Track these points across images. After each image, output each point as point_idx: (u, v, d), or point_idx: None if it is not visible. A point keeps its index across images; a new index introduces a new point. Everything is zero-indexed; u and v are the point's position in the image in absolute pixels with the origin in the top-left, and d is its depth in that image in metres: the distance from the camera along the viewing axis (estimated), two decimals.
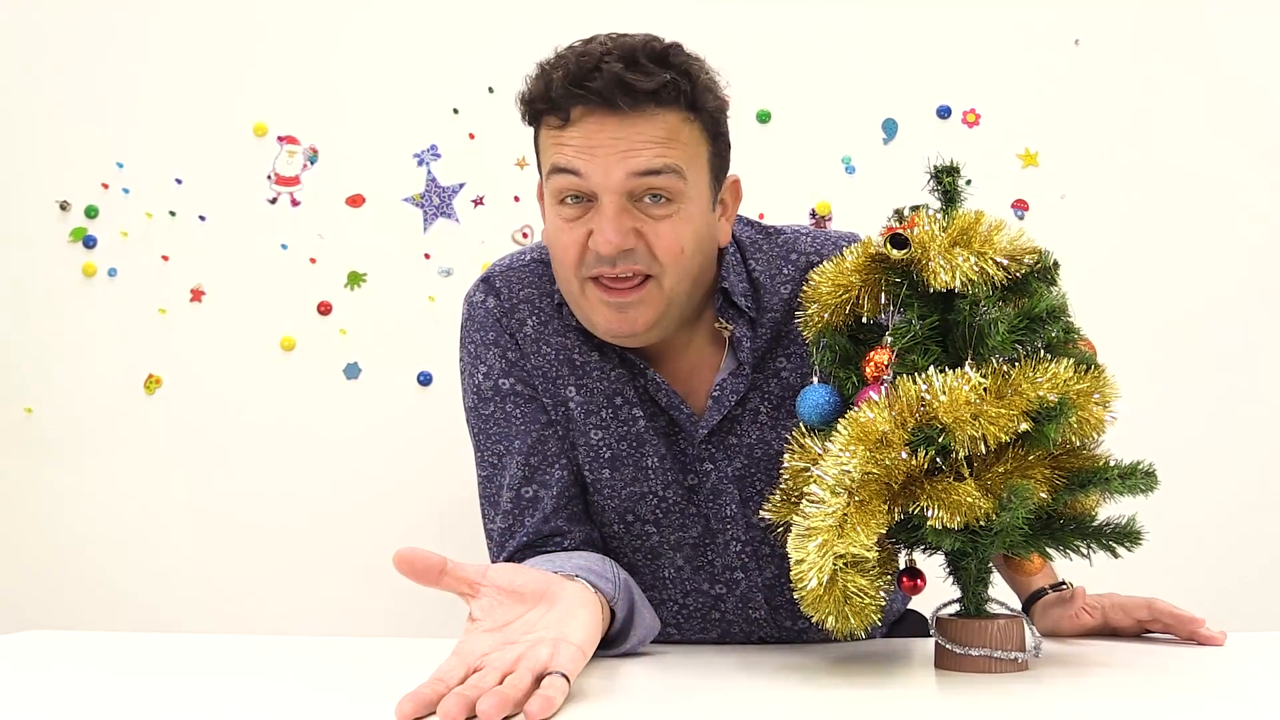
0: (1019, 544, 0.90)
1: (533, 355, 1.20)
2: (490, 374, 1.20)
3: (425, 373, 2.01)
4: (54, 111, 2.03)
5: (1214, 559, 1.95)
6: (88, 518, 2.01)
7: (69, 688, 0.93)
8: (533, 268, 1.23)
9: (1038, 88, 2.00)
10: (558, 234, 1.11)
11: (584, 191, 1.07)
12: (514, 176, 2.02)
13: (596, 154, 1.05)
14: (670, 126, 1.07)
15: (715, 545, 1.21)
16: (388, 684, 0.93)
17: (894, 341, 0.92)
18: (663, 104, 1.06)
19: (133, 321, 2.02)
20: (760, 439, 1.18)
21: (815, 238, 1.23)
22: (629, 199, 1.07)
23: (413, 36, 2.03)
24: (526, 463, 1.17)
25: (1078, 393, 0.89)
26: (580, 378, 1.19)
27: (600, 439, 1.18)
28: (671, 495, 1.19)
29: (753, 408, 1.18)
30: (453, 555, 2.08)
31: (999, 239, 0.92)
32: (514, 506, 1.17)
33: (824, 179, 2.01)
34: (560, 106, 1.07)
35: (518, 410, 1.19)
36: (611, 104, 1.04)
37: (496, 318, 1.21)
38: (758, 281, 1.20)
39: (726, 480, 1.19)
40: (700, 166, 1.11)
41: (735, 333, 1.17)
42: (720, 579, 1.22)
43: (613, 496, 1.19)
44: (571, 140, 1.07)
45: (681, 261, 1.09)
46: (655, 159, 1.05)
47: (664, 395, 1.17)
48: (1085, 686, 0.89)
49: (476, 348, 1.21)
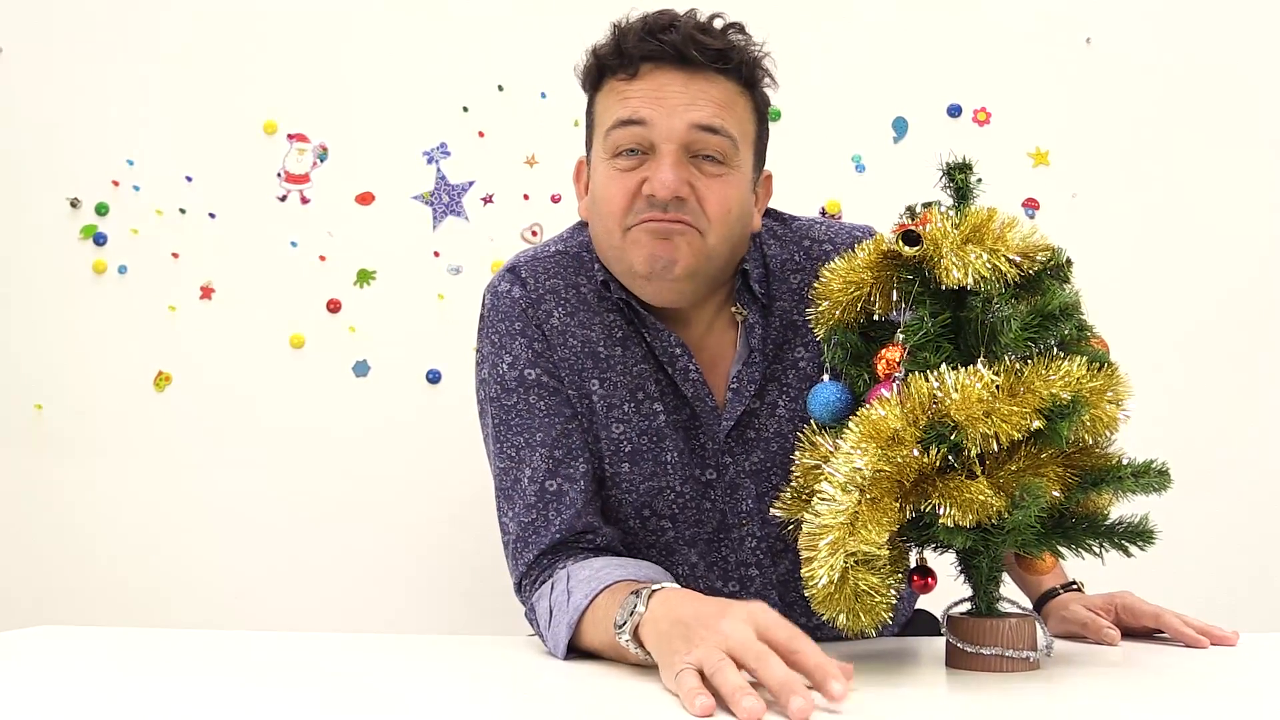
0: (1031, 542, 0.90)
1: (559, 347, 1.19)
2: (515, 364, 1.18)
3: (434, 370, 2.01)
4: (64, 109, 2.04)
5: (1227, 558, 1.94)
6: (98, 514, 2.02)
7: (79, 683, 0.93)
8: (558, 259, 1.22)
9: (1049, 86, 2.00)
10: (608, 184, 1.14)
11: (643, 143, 1.12)
12: (523, 174, 2.02)
13: (662, 104, 1.11)
14: (729, 94, 1.13)
15: (730, 541, 1.21)
16: (396, 681, 0.93)
17: (906, 339, 0.91)
18: (725, 71, 1.12)
19: (143, 318, 2.02)
20: (778, 432, 1.19)
21: (829, 227, 1.26)
22: (685, 154, 1.11)
23: (422, 35, 2.03)
24: (551, 455, 1.16)
25: (1091, 391, 0.88)
26: (604, 371, 1.18)
27: (621, 432, 1.18)
28: (689, 490, 1.19)
29: (770, 401, 1.19)
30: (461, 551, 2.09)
31: (1012, 236, 0.92)
32: (538, 500, 1.15)
33: (834, 177, 2.00)
34: (631, 60, 1.12)
35: (541, 402, 1.18)
36: (682, 57, 1.10)
37: (523, 308, 1.20)
38: (770, 268, 1.22)
39: (744, 474, 1.19)
40: (748, 143, 1.16)
41: (749, 318, 1.19)
42: (734, 575, 1.22)
43: (630, 490, 1.19)
44: (638, 92, 1.12)
45: (727, 222, 1.13)
46: (714, 117, 1.11)
47: (691, 386, 1.18)
48: (1097, 686, 0.88)
49: (501, 337, 1.20)
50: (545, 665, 1.02)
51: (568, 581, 1.05)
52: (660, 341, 1.18)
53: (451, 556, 2.00)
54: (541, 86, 2.01)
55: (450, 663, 1.05)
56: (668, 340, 1.18)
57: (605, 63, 1.15)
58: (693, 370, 1.18)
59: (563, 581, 1.06)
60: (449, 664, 1.04)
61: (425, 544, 2.00)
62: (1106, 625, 1.09)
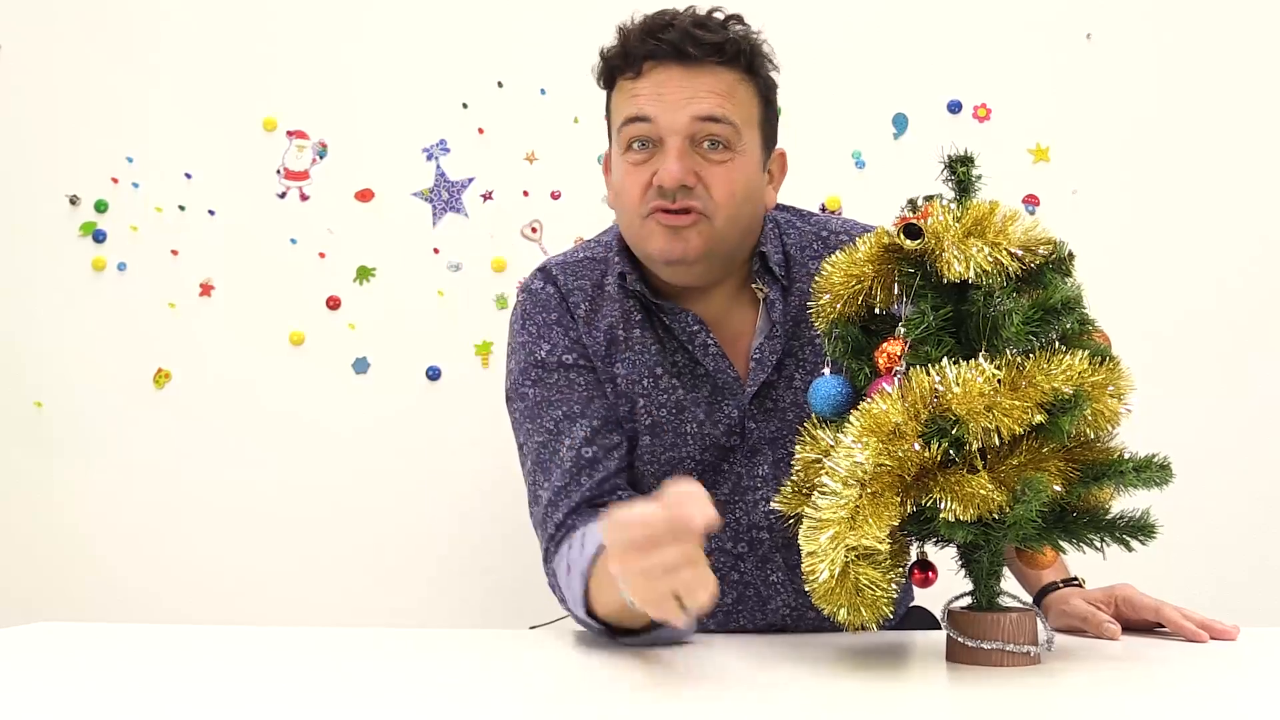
0: (1032, 537, 0.90)
1: (586, 335, 1.27)
2: (555, 350, 1.27)
3: (434, 367, 2.01)
4: (64, 106, 2.03)
5: (1228, 553, 1.94)
6: (97, 511, 2.02)
7: (79, 679, 0.93)
8: (585, 263, 1.31)
9: (1049, 82, 1.99)
10: (625, 178, 1.22)
11: (651, 137, 1.19)
12: (523, 171, 2.01)
13: (664, 100, 1.18)
14: (729, 84, 1.20)
15: (744, 504, 1.26)
16: (397, 675, 0.93)
17: (907, 332, 0.91)
18: (724, 62, 1.19)
19: (142, 316, 2.02)
20: (794, 403, 1.25)
21: (844, 222, 1.35)
22: (690, 144, 1.18)
23: (422, 31, 2.03)
24: (590, 425, 1.23)
25: (1092, 385, 0.88)
26: (624, 351, 1.27)
27: (643, 406, 1.26)
28: (708, 457, 1.26)
29: (788, 374, 1.26)
30: (461, 547, 2.09)
31: (1013, 229, 0.92)
32: (573, 465, 1.21)
33: (834, 174, 2.00)
34: (634, 60, 1.20)
35: (581, 378, 1.26)
36: (680, 54, 1.17)
37: (558, 300, 1.29)
38: (790, 254, 1.29)
39: (764, 441, 1.25)
40: (753, 126, 1.22)
41: (770, 294, 1.26)
42: (744, 537, 1.27)
43: (652, 462, 1.26)
44: (643, 90, 1.19)
45: (733, 205, 1.20)
46: (715, 107, 1.18)
47: (712, 360, 1.25)
48: (1097, 681, 0.88)
49: (539, 327, 1.28)
50: (547, 659, 1.02)
51: (583, 538, 1.11)
52: (678, 323, 1.25)
53: (452, 552, 2.00)
54: (541, 83, 2.01)
55: (451, 657, 1.05)
56: (685, 320, 1.25)
57: (612, 64, 1.23)
58: (712, 345, 1.25)
59: (579, 539, 1.12)
60: (449, 658, 1.04)
61: (425, 540, 2.00)
62: (1107, 620, 1.09)
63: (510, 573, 1.94)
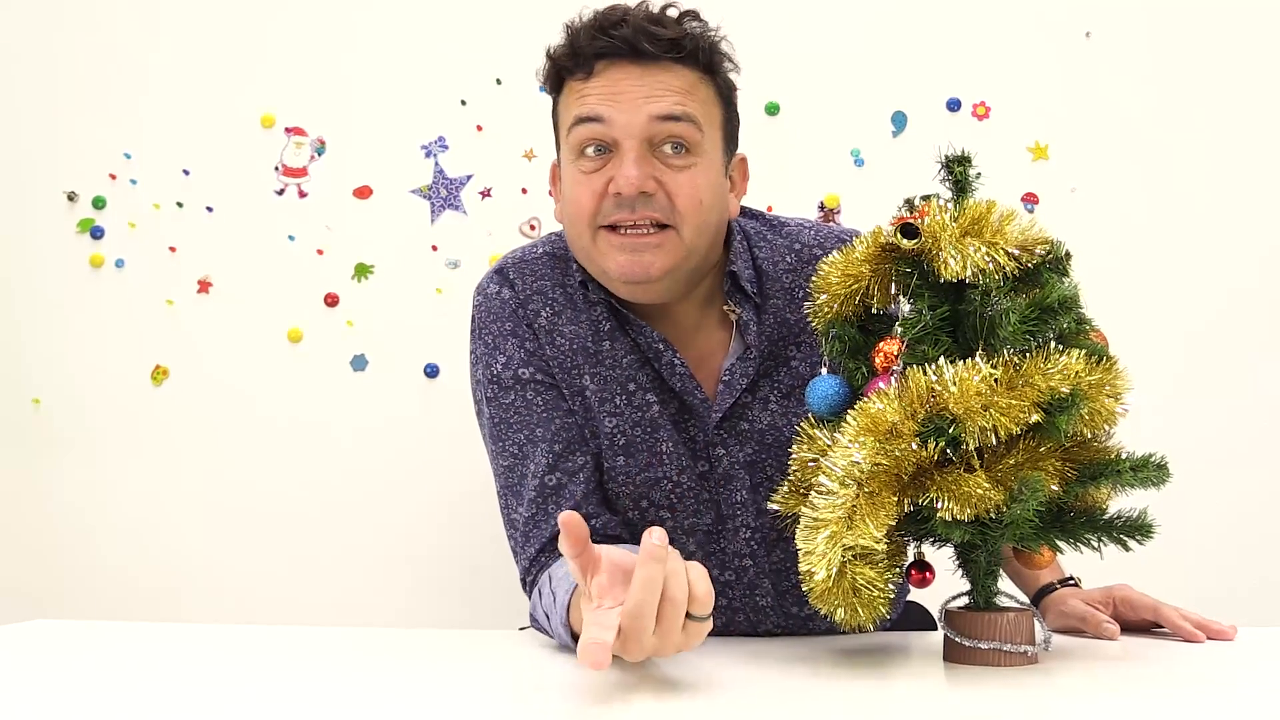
0: (1029, 536, 0.90)
1: (548, 345, 1.20)
2: (510, 363, 1.19)
3: (432, 365, 2.01)
4: (62, 102, 2.03)
5: (1226, 553, 1.94)
6: (95, 508, 2.02)
7: (76, 677, 0.93)
8: (545, 260, 1.23)
9: (1048, 81, 1.99)
10: (575, 186, 1.13)
11: (605, 140, 1.11)
12: (522, 168, 2.01)
13: (619, 100, 1.09)
14: (688, 81, 1.12)
15: (726, 532, 1.21)
16: (395, 674, 0.93)
17: (904, 332, 0.91)
18: (682, 59, 1.11)
19: (140, 313, 2.02)
20: (771, 425, 1.19)
21: (818, 231, 1.26)
22: (649, 148, 1.10)
23: (420, 28, 2.02)
24: (551, 450, 1.17)
25: (1089, 384, 0.88)
26: (594, 365, 1.19)
27: (615, 425, 1.18)
28: (685, 481, 1.19)
29: (763, 396, 1.19)
30: (459, 545, 2.09)
31: (1010, 229, 0.91)
32: (538, 495, 1.16)
33: (833, 172, 2.00)
34: (585, 59, 1.11)
35: (539, 398, 1.19)
36: (635, 51, 1.09)
37: (513, 308, 1.21)
38: (762, 269, 1.21)
39: (738, 466, 1.19)
40: (714, 127, 1.15)
41: (742, 316, 1.18)
42: (730, 566, 1.22)
43: (627, 483, 1.19)
44: (595, 90, 1.11)
45: (700, 213, 1.12)
46: (675, 105, 1.10)
47: (679, 380, 1.18)
48: (1095, 680, 0.88)
49: (494, 338, 1.21)
50: (543, 659, 1.02)
51: (550, 583, 1.06)
52: (644, 338, 1.18)
53: (450, 551, 2.00)
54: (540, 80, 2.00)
55: (447, 657, 1.05)
56: (651, 336, 1.18)
57: (561, 65, 1.15)
58: (678, 365, 1.18)
59: (546, 584, 1.07)
60: (446, 658, 1.04)
61: (423, 538, 2.00)
62: (1105, 620, 1.09)
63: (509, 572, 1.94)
